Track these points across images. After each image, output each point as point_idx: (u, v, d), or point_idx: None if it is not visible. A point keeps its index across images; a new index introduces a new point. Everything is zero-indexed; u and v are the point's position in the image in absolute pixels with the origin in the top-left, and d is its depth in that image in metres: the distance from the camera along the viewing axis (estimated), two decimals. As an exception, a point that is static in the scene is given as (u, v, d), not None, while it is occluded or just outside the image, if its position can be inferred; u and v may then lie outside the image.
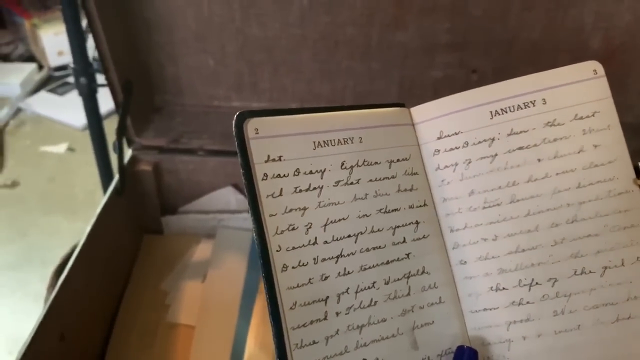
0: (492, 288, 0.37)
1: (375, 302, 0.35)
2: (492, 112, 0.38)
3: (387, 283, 0.36)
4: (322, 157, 0.35)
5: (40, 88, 1.76)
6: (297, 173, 0.34)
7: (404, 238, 0.37)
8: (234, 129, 0.33)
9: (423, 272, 0.37)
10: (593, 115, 0.37)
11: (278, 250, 0.33)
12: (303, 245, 0.34)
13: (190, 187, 0.83)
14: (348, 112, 0.37)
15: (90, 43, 0.69)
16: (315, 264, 0.34)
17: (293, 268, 0.33)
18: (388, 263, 0.36)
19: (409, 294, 0.36)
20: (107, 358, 0.67)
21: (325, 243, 0.34)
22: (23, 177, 1.42)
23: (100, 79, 0.80)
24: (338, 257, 0.35)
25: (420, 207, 0.38)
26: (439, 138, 0.38)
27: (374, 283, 0.35)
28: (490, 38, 0.69)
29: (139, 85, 0.74)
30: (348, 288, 0.35)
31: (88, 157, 1.09)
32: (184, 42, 0.73)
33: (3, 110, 1.64)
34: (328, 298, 0.34)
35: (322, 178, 0.35)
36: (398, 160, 0.38)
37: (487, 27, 0.68)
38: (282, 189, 0.34)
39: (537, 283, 0.37)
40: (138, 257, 0.80)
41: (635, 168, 0.37)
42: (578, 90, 0.38)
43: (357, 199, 0.36)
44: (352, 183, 0.36)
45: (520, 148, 0.37)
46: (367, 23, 0.68)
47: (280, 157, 0.34)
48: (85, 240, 0.63)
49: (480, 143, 0.38)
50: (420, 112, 0.39)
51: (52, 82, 1.79)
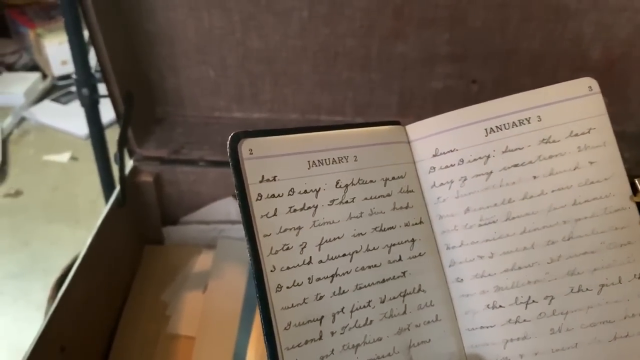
0: (488, 306, 0.37)
1: (371, 321, 0.35)
2: (487, 129, 0.38)
3: (382, 302, 0.36)
4: (316, 176, 0.35)
5: (44, 97, 1.77)
6: (291, 193, 0.34)
7: (400, 256, 0.37)
8: (228, 150, 0.34)
9: (419, 290, 0.37)
10: (588, 132, 0.37)
11: (272, 271, 0.33)
12: (298, 265, 0.34)
13: (191, 197, 0.83)
14: (342, 131, 0.37)
15: (92, 54, 0.70)
16: (310, 284, 0.34)
17: (288, 288, 0.33)
18: (384, 281, 0.36)
19: (405, 313, 0.36)
20: (107, 369, 0.67)
21: (320, 262, 0.34)
22: (26, 186, 1.43)
23: (102, 90, 0.81)
24: (333, 276, 0.35)
25: (416, 224, 0.38)
26: (435, 155, 0.38)
27: (370, 302, 0.35)
28: (490, 49, 0.69)
29: (140, 97, 0.74)
30: (343, 307, 0.35)
31: (91, 166, 1.09)
32: (185, 53, 0.73)
33: (7, 120, 1.64)
34: (323, 318, 0.34)
35: (316, 197, 0.35)
36: (393, 178, 0.38)
37: (486, 38, 0.68)
38: (276, 209, 0.34)
39: (533, 301, 0.37)
40: (139, 267, 0.80)
41: (632, 184, 0.37)
42: (573, 107, 0.37)
43: (352, 218, 0.36)
44: (347, 202, 0.36)
45: (516, 165, 0.37)
46: (366, 35, 0.69)
47: (275, 177, 0.34)
48: (86, 251, 0.63)
49: (476, 160, 0.38)
50: (416, 129, 0.39)
51: (55, 91, 1.79)
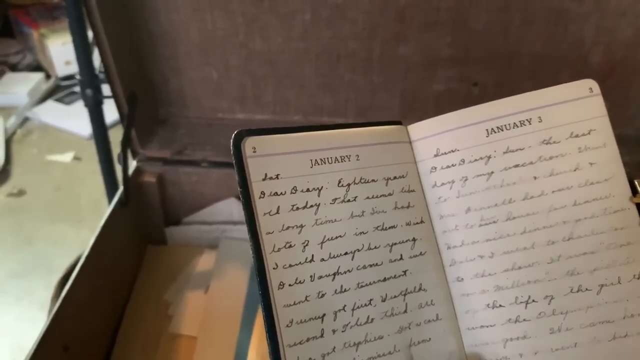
0: (488, 305, 0.37)
1: (372, 319, 0.36)
2: (488, 130, 0.38)
3: (384, 300, 0.36)
4: (319, 174, 0.36)
5: (48, 97, 1.77)
6: (294, 191, 0.35)
7: (401, 255, 0.37)
8: (232, 148, 0.34)
9: (420, 289, 0.37)
10: (589, 133, 0.38)
11: (275, 268, 0.33)
12: (300, 263, 0.34)
13: (194, 198, 0.83)
14: (345, 130, 0.37)
15: (96, 55, 0.70)
16: (312, 282, 0.34)
17: (290, 286, 0.34)
18: (385, 280, 0.36)
19: (406, 311, 0.37)
20: (110, 368, 0.67)
21: (322, 260, 0.35)
22: (29, 185, 1.43)
23: (106, 91, 0.81)
24: (335, 274, 0.35)
25: (417, 224, 0.38)
26: (436, 155, 0.39)
27: (371, 300, 0.36)
28: (491, 52, 0.70)
29: (144, 98, 0.75)
30: (345, 305, 0.35)
31: (94, 166, 1.09)
32: (188, 55, 0.74)
33: (10, 119, 1.65)
34: (324, 315, 0.34)
35: (319, 196, 0.35)
36: (395, 178, 0.38)
37: (487, 41, 0.69)
38: (279, 207, 0.34)
39: (533, 300, 0.37)
40: (141, 267, 0.81)
41: (632, 186, 0.37)
42: (574, 109, 0.38)
43: (354, 217, 0.36)
44: (349, 201, 0.36)
45: (516, 166, 0.38)
46: (368, 37, 0.69)
47: (278, 175, 0.35)
48: (90, 251, 0.63)
49: (477, 161, 0.38)
50: (418, 129, 0.40)
51: (59, 91, 1.80)
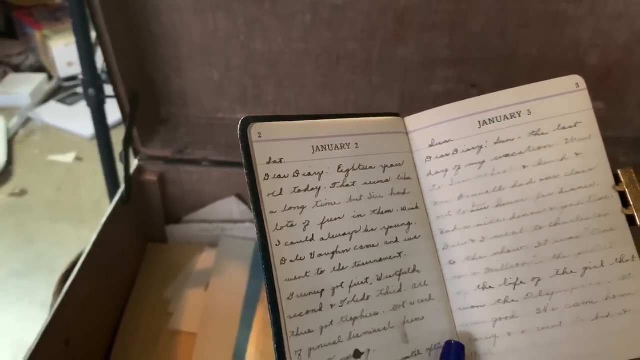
0: (479, 287, 0.39)
1: (368, 296, 0.37)
2: (480, 121, 0.40)
3: (379, 279, 0.38)
4: (320, 160, 0.38)
5: (50, 98, 1.79)
6: (296, 174, 0.37)
7: (396, 238, 0.39)
8: (239, 133, 0.36)
9: (414, 270, 0.39)
10: (575, 126, 0.40)
11: (277, 245, 0.35)
12: (301, 241, 0.36)
13: (194, 197, 0.85)
14: (345, 119, 0.39)
15: (99, 55, 0.72)
16: (312, 259, 0.36)
17: (291, 262, 0.36)
18: (381, 260, 0.38)
19: (400, 290, 0.39)
20: (110, 364, 0.68)
21: (322, 240, 0.37)
22: (31, 185, 1.44)
23: (108, 91, 0.82)
24: (333, 253, 0.37)
25: (412, 209, 0.40)
26: (431, 145, 0.41)
27: (367, 279, 0.38)
28: (489, 53, 0.71)
29: (146, 97, 0.76)
30: (342, 282, 0.37)
31: (95, 166, 1.11)
32: (190, 55, 0.75)
33: (13, 120, 1.66)
34: (323, 291, 0.36)
35: (319, 180, 0.37)
36: (392, 166, 0.40)
37: (486, 42, 0.70)
38: (282, 189, 0.36)
39: (521, 282, 0.39)
40: (142, 265, 0.82)
41: (615, 175, 0.39)
42: (561, 102, 0.40)
43: (352, 200, 0.38)
44: (347, 185, 0.38)
45: (507, 155, 0.40)
46: (368, 38, 0.71)
47: (281, 159, 0.37)
48: (91, 248, 0.64)
49: (469, 150, 0.40)
50: (414, 121, 0.42)
51: (61, 92, 1.81)
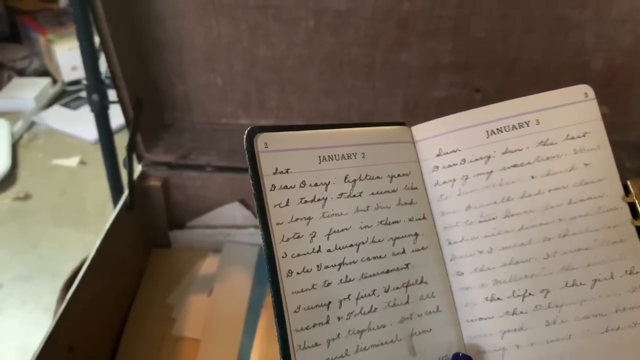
0: (487, 298, 0.39)
1: (375, 308, 0.37)
2: (488, 131, 0.40)
3: (386, 291, 0.38)
4: (326, 170, 0.37)
5: (54, 102, 1.78)
6: (303, 185, 0.36)
7: (404, 249, 0.39)
8: (245, 143, 0.36)
9: (421, 281, 0.39)
10: (584, 136, 0.39)
11: (284, 257, 0.35)
12: (307, 253, 0.36)
13: (198, 202, 0.85)
14: (352, 129, 0.39)
15: (103, 61, 0.72)
16: (319, 271, 0.36)
17: (298, 274, 0.35)
18: (388, 272, 0.38)
19: (408, 302, 0.38)
20: (114, 370, 0.68)
21: (329, 251, 0.36)
22: (35, 189, 1.44)
23: (112, 96, 0.82)
24: (340, 264, 0.37)
25: (420, 220, 0.40)
26: (438, 155, 0.40)
27: (374, 291, 0.37)
28: (493, 59, 0.71)
29: (149, 103, 0.76)
30: (349, 294, 0.37)
31: (99, 170, 1.10)
32: (193, 61, 0.75)
33: (17, 124, 1.66)
34: (330, 303, 0.36)
35: (326, 190, 0.37)
36: (399, 176, 0.40)
37: (489, 48, 0.70)
38: (288, 200, 0.36)
39: (530, 294, 0.38)
40: (146, 270, 0.82)
41: (624, 186, 0.39)
42: (570, 112, 0.40)
43: (359, 211, 0.38)
44: (354, 196, 0.38)
45: (515, 166, 0.39)
46: (371, 44, 0.71)
47: (288, 169, 0.36)
48: (95, 254, 0.64)
49: (477, 160, 0.40)
50: (421, 130, 0.41)
51: (65, 96, 1.81)
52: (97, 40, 0.74)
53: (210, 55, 0.74)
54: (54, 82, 1.86)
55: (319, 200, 0.37)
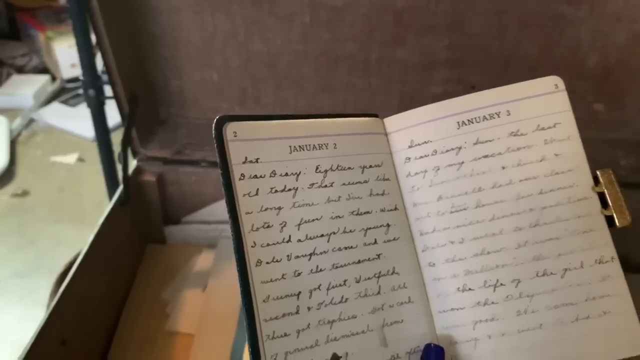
0: (459, 289, 0.39)
1: (346, 299, 0.37)
2: (459, 122, 0.40)
3: (358, 281, 0.38)
4: (297, 160, 0.38)
5: (53, 99, 1.80)
6: (273, 174, 0.37)
7: (375, 239, 0.39)
8: (214, 132, 0.36)
9: (393, 272, 0.39)
10: (554, 127, 0.39)
11: (253, 246, 0.35)
12: (277, 243, 0.36)
13: (193, 197, 0.85)
14: (324, 120, 0.39)
15: (99, 57, 0.72)
16: (289, 261, 0.36)
17: (267, 263, 0.36)
18: (359, 262, 0.38)
19: (379, 293, 0.39)
20: (107, 364, 0.68)
21: (299, 241, 0.37)
22: (33, 186, 1.45)
23: (109, 92, 0.83)
24: (311, 255, 0.37)
25: (391, 211, 0.40)
26: (410, 147, 0.41)
27: (345, 281, 0.38)
28: (488, 55, 0.71)
29: (145, 98, 0.76)
30: (320, 285, 0.37)
31: (97, 167, 1.11)
32: (189, 56, 0.75)
33: (16, 121, 1.67)
34: (300, 293, 0.36)
35: (297, 180, 0.37)
36: (371, 167, 0.40)
37: (484, 44, 0.70)
38: (258, 189, 0.36)
39: (501, 284, 0.39)
40: (140, 265, 0.82)
41: (594, 176, 0.39)
42: (540, 103, 0.40)
43: (330, 201, 0.38)
44: (325, 186, 0.38)
45: (486, 156, 0.40)
46: (367, 40, 0.70)
47: (257, 159, 0.37)
48: (88, 249, 0.64)
49: (448, 151, 0.40)
50: (393, 122, 0.42)
51: (64, 93, 1.82)
52: (93, 37, 0.74)
53: (206, 51, 0.74)
54: (53, 79, 1.87)
55: (290, 190, 0.37)
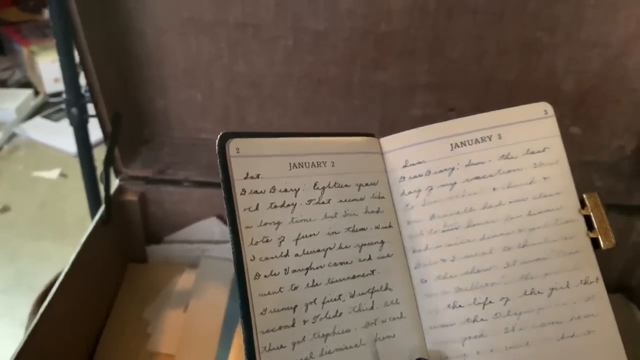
0: (449, 305, 0.40)
1: (341, 313, 0.38)
2: (452, 144, 0.42)
3: (352, 296, 0.39)
4: (296, 177, 0.39)
5: (36, 114, 1.78)
6: (273, 190, 0.38)
7: (370, 256, 0.40)
8: (217, 147, 0.37)
9: (386, 288, 0.40)
10: (543, 151, 0.41)
11: (252, 260, 0.36)
12: (275, 257, 0.37)
13: (175, 217, 0.84)
14: (323, 138, 0.40)
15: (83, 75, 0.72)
16: (286, 275, 0.37)
17: (265, 277, 0.36)
18: (354, 278, 0.39)
19: (373, 308, 0.39)
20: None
21: (296, 256, 0.38)
22: (14, 201, 1.42)
23: (92, 110, 0.83)
24: (307, 269, 0.38)
25: (386, 228, 0.41)
26: (405, 166, 0.42)
27: (340, 295, 0.38)
28: (467, 79, 0.72)
29: (128, 118, 0.75)
30: (316, 299, 0.38)
31: (80, 183, 1.10)
32: (173, 77, 0.75)
33: (-2, 135, 1.65)
34: (296, 307, 0.37)
35: (295, 196, 0.38)
36: (367, 185, 0.41)
37: (464, 68, 0.71)
38: (258, 204, 0.37)
39: (490, 302, 0.40)
40: (122, 285, 0.81)
41: (580, 200, 0.41)
42: (530, 128, 0.41)
43: (327, 217, 0.39)
44: (323, 202, 0.39)
45: (477, 178, 0.41)
46: (349, 63, 0.72)
47: (258, 175, 0.38)
48: (69, 268, 0.63)
49: (441, 172, 0.41)
50: (389, 142, 0.43)
51: (47, 108, 1.81)
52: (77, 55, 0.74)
53: (190, 72, 0.75)
54: (36, 93, 1.86)
55: (289, 206, 0.38)
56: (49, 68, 1.81)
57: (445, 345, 0.40)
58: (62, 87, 0.96)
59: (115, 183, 0.79)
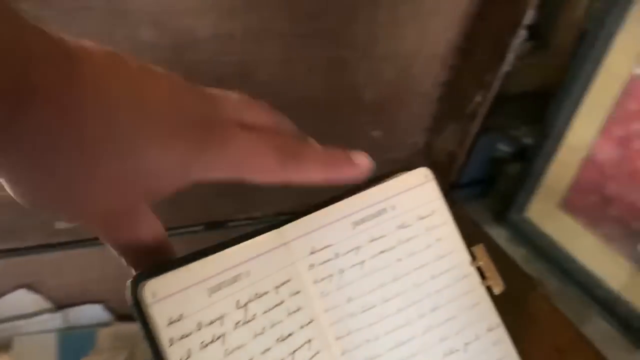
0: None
1: None
2: (354, 222, 0.41)
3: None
4: (218, 302, 0.35)
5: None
6: (199, 327, 0.33)
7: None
8: (130, 297, 0.31)
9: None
10: (432, 214, 0.43)
11: None
12: None
13: (-28, 297, 0.72)
14: (231, 249, 0.37)
15: None
16: None
17: None
18: (292, 388, 0.37)
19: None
20: None
21: None
22: None
23: None
24: None
25: (309, 323, 0.39)
26: (312, 253, 0.40)
27: None
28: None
29: None
30: None
31: None
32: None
33: None
34: None
35: (222, 325, 0.35)
36: (282, 284, 0.39)
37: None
38: (189, 349, 0.33)
39: (414, 372, 0.41)
40: None
41: (471, 253, 0.44)
42: (415, 195, 0.43)
43: (257, 336, 0.36)
44: (249, 321, 0.36)
45: (382, 252, 0.42)
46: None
47: (181, 315, 0.33)
48: None
49: (349, 252, 0.41)
50: (289, 229, 0.40)
51: None
52: None
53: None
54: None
55: (219, 338, 0.34)
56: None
57: None
58: None
59: None
